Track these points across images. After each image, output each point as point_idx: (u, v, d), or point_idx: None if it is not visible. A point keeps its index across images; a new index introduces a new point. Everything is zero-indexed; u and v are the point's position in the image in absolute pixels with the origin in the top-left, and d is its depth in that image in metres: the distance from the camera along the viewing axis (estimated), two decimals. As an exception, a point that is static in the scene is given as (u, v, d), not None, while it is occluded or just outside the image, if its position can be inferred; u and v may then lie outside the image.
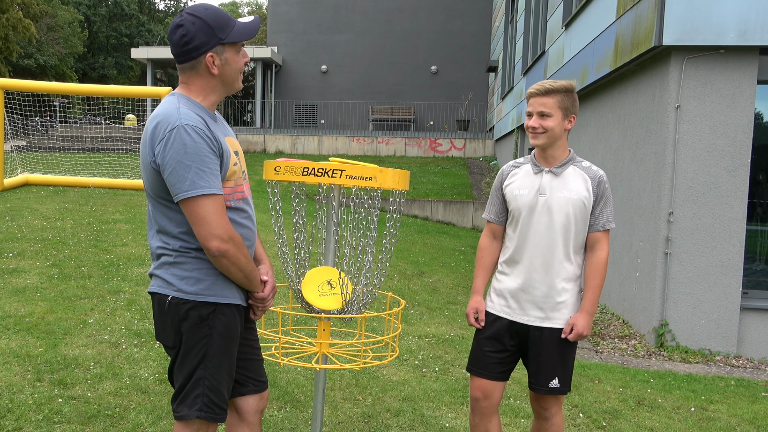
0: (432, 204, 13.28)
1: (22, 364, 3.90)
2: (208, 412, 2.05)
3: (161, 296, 2.06)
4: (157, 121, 1.96)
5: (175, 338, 2.06)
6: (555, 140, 2.56)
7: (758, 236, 5.84)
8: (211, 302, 2.04)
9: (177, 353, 2.07)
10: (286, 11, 24.15)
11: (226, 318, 2.07)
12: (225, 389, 2.11)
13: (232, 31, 2.03)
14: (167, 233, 2.05)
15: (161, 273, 2.07)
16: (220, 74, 2.05)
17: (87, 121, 20.79)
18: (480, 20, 22.88)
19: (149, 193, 2.07)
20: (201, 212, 1.92)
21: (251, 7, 65.92)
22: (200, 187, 1.91)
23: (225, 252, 1.95)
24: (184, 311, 2.02)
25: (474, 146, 19.54)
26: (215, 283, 2.04)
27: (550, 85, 2.54)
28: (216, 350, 2.05)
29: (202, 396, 2.04)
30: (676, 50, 5.59)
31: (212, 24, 1.99)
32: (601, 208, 2.57)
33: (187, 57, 2.01)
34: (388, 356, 2.72)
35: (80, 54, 40.81)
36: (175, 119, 1.92)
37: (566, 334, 2.54)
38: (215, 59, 2.02)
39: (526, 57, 13.04)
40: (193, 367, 2.04)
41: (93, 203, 9.32)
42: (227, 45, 2.03)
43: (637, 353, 5.65)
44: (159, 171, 1.96)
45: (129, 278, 5.91)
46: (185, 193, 1.91)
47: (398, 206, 2.62)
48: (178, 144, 1.90)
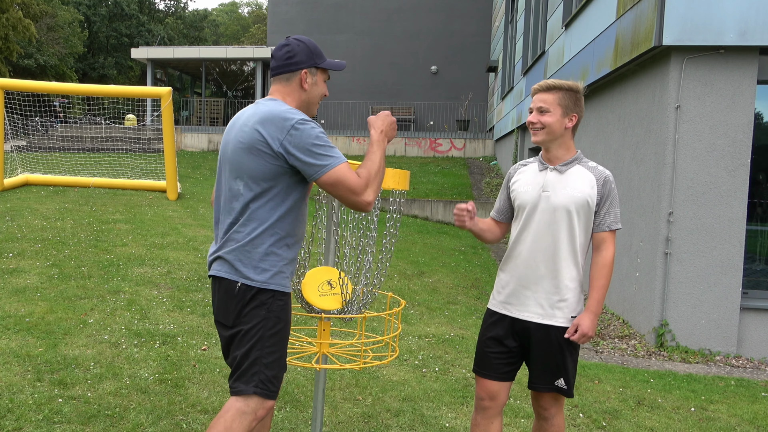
0: (432, 204, 13.28)
1: (22, 364, 3.90)
2: (263, 389, 2.25)
3: (229, 282, 2.28)
4: (272, 114, 2.23)
5: (236, 320, 2.27)
6: (554, 137, 2.57)
7: (758, 236, 5.84)
8: (272, 289, 2.27)
9: (236, 333, 2.27)
10: (286, 11, 24.16)
11: (282, 303, 2.30)
12: (280, 368, 2.31)
13: (325, 61, 2.42)
14: (250, 222, 2.27)
15: (231, 258, 2.28)
16: (308, 91, 2.39)
17: (87, 121, 20.78)
18: (480, 20, 22.88)
19: (248, 178, 2.25)
20: (345, 176, 2.20)
21: (251, 7, 65.90)
22: (338, 159, 2.22)
23: (371, 201, 2.24)
24: (250, 296, 2.25)
25: (474, 146, 19.54)
26: (277, 274, 2.28)
27: (553, 83, 2.56)
28: (274, 332, 2.27)
29: (259, 373, 2.24)
30: (676, 50, 5.59)
31: (312, 49, 2.39)
32: (607, 208, 2.56)
33: (287, 69, 2.36)
34: (388, 356, 2.73)
35: (80, 54, 40.80)
36: (297, 113, 2.24)
37: (570, 334, 2.53)
38: (308, 77, 2.37)
39: (526, 57, 13.04)
40: (251, 346, 2.25)
41: (93, 203, 9.32)
42: (319, 70, 2.40)
43: (637, 353, 5.65)
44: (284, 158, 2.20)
45: (129, 278, 5.91)
46: (330, 165, 2.19)
47: (398, 206, 2.62)
48: (309, 129, 2.20)
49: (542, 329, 2.57)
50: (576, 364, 2.64)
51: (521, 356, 2.67)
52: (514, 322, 2.62)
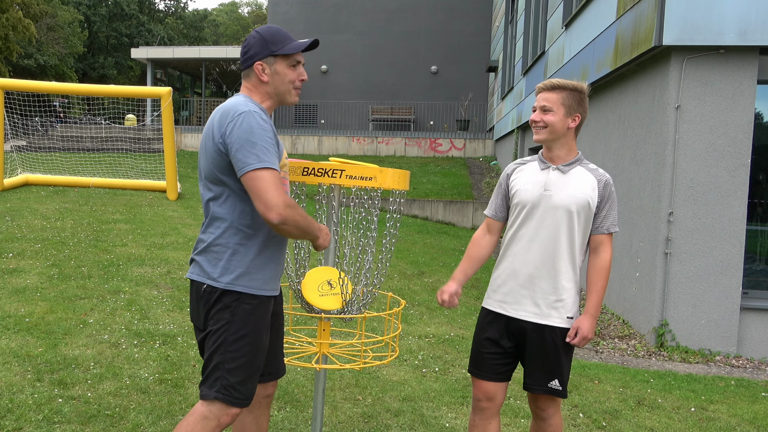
0: (432, 204, 13.28)
1: (22, 364, 3.90)
2: (225, 395, 2.20)
3: (198, 284, 2.25)
4: (225, 109, 2.18)
5: (204, 322, 2.25)
6: (557, 137, 2.56)
7: (758, 236, 5.84)
8: (237, 291, 2.20)
9: (206, 336, 2.24)
10: (286, 11, 24.15)
11: (249, 306, 2.21)
12: (247, 375, 2.23)
13: (285, 46, 2.26)
14: (213, 222, 2.25)
15: (199, 259, 2.26)
16: (270, 83, 2.27)
17: (87, 121, 20.78)
18: (480, 20, 22.87)
19: (205, 178, 2.26)
20: (262, 184, 2.08)
21: (251, 7, 65.91)
22: (265, 161, 2.09)
23: (284, 219, 2.09)
24: (215, 299, 2.20)
25: (474, 146, 19.54)
26: (243, 275, 2.21)
27: (558, 82, 2.55)
28: (237, 337, 2.20)
29: (221, 378, 2.19)
30: (676, 50, 5.59)
31: (268, 39, 2.26)
32: (606, 210, 2.56)
33: (245, 65, 2.29)
34: (388, 356, 2.73)
35: (80, 54, 40.80)
36: (243, 107, 2.15)
37: (571, 337, 2.53)
38: (265, 68, 2.26)
39: (526, 57, 13.04)
40: (215, 350, 2.21)
41: (93, 203, 9.32)
42: (279, 58, 2.26)
43: (637, 353, 5.65)
44: (225, 152, 2.14)
45: (129, 278, 5.91)
46: (251, 166, 2.08)
47: (398, 206, 2.62)
48: (247, 125, 2.11)
49: (538, 329, 2.56)
50: (570, 364, 2.64)
51: (517, 356, 2.67)
52: (509, 322, 2.61)
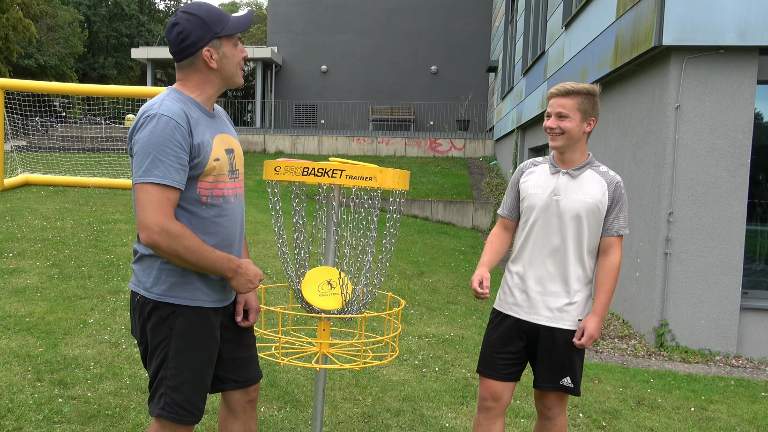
0: (432, 204, 13.28)
1: (22, 364, 3.90)
2: (170, 413, 2.05)
3: (133, 293, 2.10)
4: (141, 109, 1.99)
5: (141, 336, 2.09)
6: (573, 143, 2.54)
7: (758, 236, 5.84)
8: (171, 303, 2.03)
9: (145, 350, 2.10)
10: (286, 11, 24.15)
11: (186, 320, 2.04)
12: (191, 391, 2.07)
13: (227, 24, 2.04)
14: None
15: (135, 268, 2.10)
16: (219, 68, 2.07)
17: (87, 121, 20.78)
18: (480, 20, 22.88)
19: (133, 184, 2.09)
20: (142, 199, 1.90)
21: (251, 7, 65.91)
22: (152, 175, 1.89)
23: (155, 243, 1.90)
24: (148, 311, 2.04)
25: (474, 146, 19.54)
26: (177, 285, 2.03)
27: (571, 87, 2.52)
28: (177, 352, 2.04)
29: (165, 396, 2.05)
30: (676, 50, 5.59)
31: (207, 19, 2.01)
32: (616, 213, 2.56)
33: (186, 53, 2.03)
34: (388, 356, 2.73)
35: (80, 54, 40.81)
36: (154, 109, 1.95)
37: (578, 338, 2.54)
38: (213, 53, 2.04)
39: (526, 57, 13.04)
40: (156, 366, 2.06)
41: (93, 203, 9.31)
42: (224, 39, 2.05)
43: (637, 353, 5.65)
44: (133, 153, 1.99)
45: (129, 278, 5.91)
46: (137, 177, 1.91)
47: (398, 206, 2.62)
48: (147, 131, 1.92)
49: (549, 331, 2.57)
50: (582, 363, 2.64)
51: (527, 357, 2.67)
52: (520, 323, 2.62)
